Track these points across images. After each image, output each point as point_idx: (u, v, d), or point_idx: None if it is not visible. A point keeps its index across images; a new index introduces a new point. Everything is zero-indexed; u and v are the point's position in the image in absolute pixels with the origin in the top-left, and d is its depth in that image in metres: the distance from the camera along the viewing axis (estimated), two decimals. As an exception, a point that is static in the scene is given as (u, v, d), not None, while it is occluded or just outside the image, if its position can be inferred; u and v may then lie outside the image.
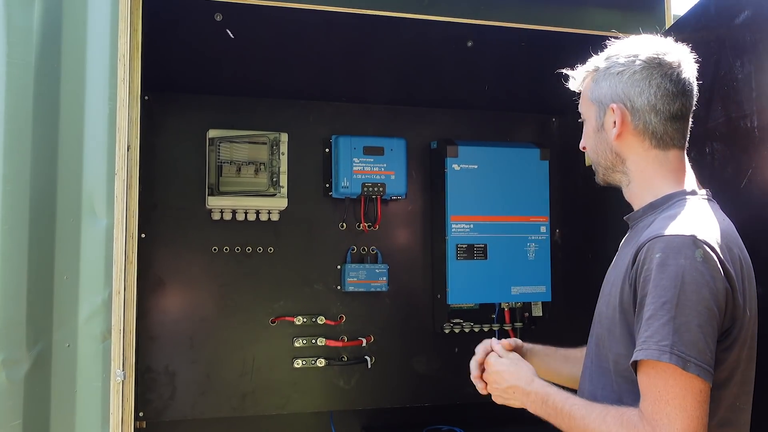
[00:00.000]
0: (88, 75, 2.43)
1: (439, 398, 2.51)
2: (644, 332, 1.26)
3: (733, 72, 1.61)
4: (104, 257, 2.40)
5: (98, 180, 2.41)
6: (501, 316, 2.50)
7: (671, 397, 1.23)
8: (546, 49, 2.34)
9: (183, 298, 2.30)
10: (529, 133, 2.65)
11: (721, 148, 1.67)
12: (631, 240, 1.50)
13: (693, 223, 1.35)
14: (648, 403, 1.26)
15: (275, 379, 2.35)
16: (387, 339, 2.46)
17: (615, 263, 1.54)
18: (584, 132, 1.55)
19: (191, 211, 2.31)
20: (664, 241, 1.31)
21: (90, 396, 2.36)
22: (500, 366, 1.57)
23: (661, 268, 1.28)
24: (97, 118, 2.42)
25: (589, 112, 1.52)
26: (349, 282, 2.37)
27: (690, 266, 1.27)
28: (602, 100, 1.48)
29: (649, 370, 1.26)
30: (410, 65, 2.34)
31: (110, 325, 2.38)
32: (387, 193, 2.37)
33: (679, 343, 1.23)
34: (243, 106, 2.38)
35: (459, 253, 2.40)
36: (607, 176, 1.54)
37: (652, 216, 1.45)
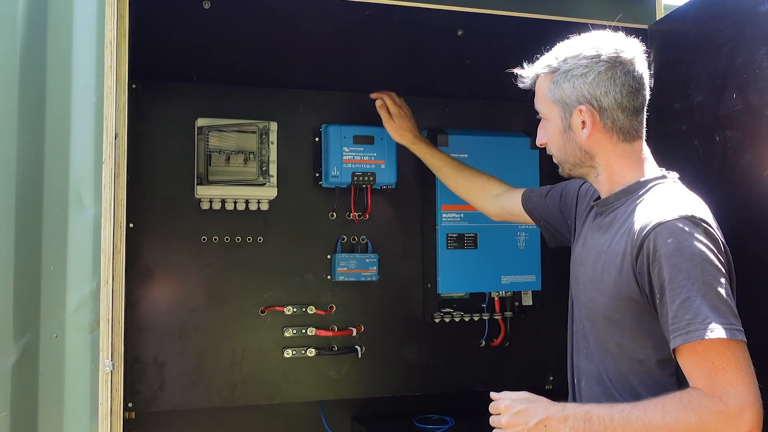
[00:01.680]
0: (74, 63, 2.40)
1: (429, 387, 2.52)
2: (684, 316, 1.31)
3: (756, 60, 1.59)
4: (92, 247, 2.37)
5: (85, 169, 2.38)
6: (491, 306, 2.51)
7: (726, 365, 1.30)
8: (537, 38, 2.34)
9: (172, 288, 2.28)
10: (519, 122, 2.64)
11: (737, 136, 1.65)
12: (610, 226, 1.53)
13: (685, 204, 1.41)
14: (704, 378, 1.31)
15: (265, 369, 2.34)
16: (377, 328, 2.45)
17: (591, 246, 1.58)
18: (546, 131, 1.60)
19: (180, 200, 2.30)
20: (669, 227, 1.36)
21: (78, 387, 2.34)
22: (520, 405, 1.44)
23: (677, 252, 1.34)
24: (84, 107, 2.39)
25: (551, 113, 1.56)
26: (340, 271, 2.37)
27: (700, 244, 1.34)
28: (566, 101, 1.52)
29: (697, 347, 1.31)
30: (400, 54, 2.33)
31: (98, 316, 2.37)
32: (377, 183, 2.36)
33: (718, 316, 1.30)
34: (232, 94, 2.36)
35: (449, 242, 2.39)
36: (574, 171, 1.61)
37: (626, 201, 1.51)
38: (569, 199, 1.83)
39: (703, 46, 1.68)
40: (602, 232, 1.55)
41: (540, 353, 2.62)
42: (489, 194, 2.13)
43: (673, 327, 1.33)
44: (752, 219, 1.58)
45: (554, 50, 1.58)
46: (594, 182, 1.60)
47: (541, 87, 1.58)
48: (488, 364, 2.57)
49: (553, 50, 1.58)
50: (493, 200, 2.12)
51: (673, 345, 1.33)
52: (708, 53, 1.63)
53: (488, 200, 2.13)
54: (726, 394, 1.28)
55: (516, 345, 2.57)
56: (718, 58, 1.64)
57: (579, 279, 1.62)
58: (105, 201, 1.70)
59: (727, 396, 1.28)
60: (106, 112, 1.69)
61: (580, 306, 1.62)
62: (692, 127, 1.58)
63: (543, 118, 1.60)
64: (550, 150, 1.62)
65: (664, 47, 1.79)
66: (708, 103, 1.66)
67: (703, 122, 1.65)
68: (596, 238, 1.57)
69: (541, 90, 1.58)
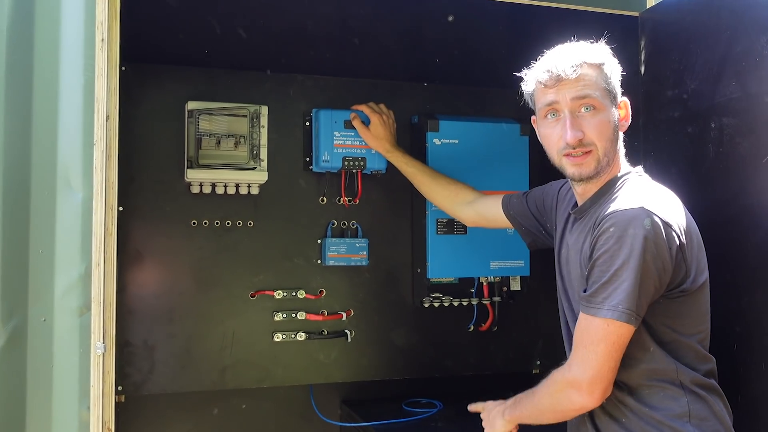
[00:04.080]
0: (62, 45, 2.38)
1: (417, 372, 2.53)
2: (591, 290, 1.47)
3: (757, 48, 1.61)
4: (80, 231, 2.37)
5: (73, 153, 2.38)
6: (480, 291, 2.52)
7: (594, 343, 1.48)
8: (527, 24, 2.35)
9: (162, 272, 2.28)
10: (508, 108, 2.64)
11: (734, 123, 1.67)
12: (583, 227, 1.61)
13: (641, 197, 1.48)
14: (574, 348, 1.53)
15: (255, 353, 2.35)
16: (367, 313, 2.46)
17: (570, 247, 1.66)
18: (593, 123, 1.54)
19: (169, 184, 2.29)
20: (618, 215, 1.44)
21: (67, 370, 2.34)
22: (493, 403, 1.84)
23: (613, 237, 1.43)
24: (72, 91, 2.38)
25: (602, 105, 1.54)
26: (330, 256, 2.37)
27: (638, 233, 1.41)
28: (615, 92, 1.57)
29: (582, 321, 1.52)
30: (390, 39, 2.33)
31: (87, 300, 2.38)
32: (367, 168, 2.37)
33: (615, 299, 1.43)
34: (222, 78, 2.34)
35: (439, 227, 2.41)
36: (602, 167, 1.57)
37: (598, 201, 1.59)
38: (548, 202, 1.87)
39: (698, 34, 1.70)
40: (578, 232, 1.63)
41: (527, 338, 2.65)
42: (463, 201, 2.18)
43: (581, 295, 1.51)
44: (750, 205, 1.61)
45: (581, 46, 1.58)
46: (594, 182, 1.60)
47: (594, 75, 1.54)
48: (476, 349, 2.59)
49: (578, 46, 1.58)
50: (466, 207, 2.17)
51: (579, 310, 1.52)
52: (704, 41, 1.64)
53: (462, 207, 2.18)
54: (576, 365, 1.49)
55: (504, 330, 2.59)
56: (715, 47, 1.66)
57: (567, 278, 1.68)
58: (96, 183, 1.69)
59: (577, 367, 1.49)
60: (97, 93, 1.68)
61: (568, 304, 1.69)
62: (686, 114, 1.60)
63: (592, 105, 1.54)
64: (593, 142, 1.55)
65: (655, 35, 1.80)
66: (703, 91, 1.68)
67: (697, 109, 1.67)
68: (576, 238, 1.64)
69: (597, 78, 1.54)
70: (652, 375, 1.50)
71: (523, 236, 2.00)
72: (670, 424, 1.48)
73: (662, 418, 1.48)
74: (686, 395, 1.49)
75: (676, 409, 1.48)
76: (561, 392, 1.53)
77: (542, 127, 1.63)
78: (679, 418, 1.48)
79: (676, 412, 1.48)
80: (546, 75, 1.55)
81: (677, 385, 1.50)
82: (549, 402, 1.58)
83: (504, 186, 2.45)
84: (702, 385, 1.52)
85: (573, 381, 1.50)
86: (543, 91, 1.57)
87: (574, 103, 1.53)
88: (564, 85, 1.52)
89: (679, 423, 1.47)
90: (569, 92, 1.52)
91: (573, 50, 1.56)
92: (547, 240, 1.92)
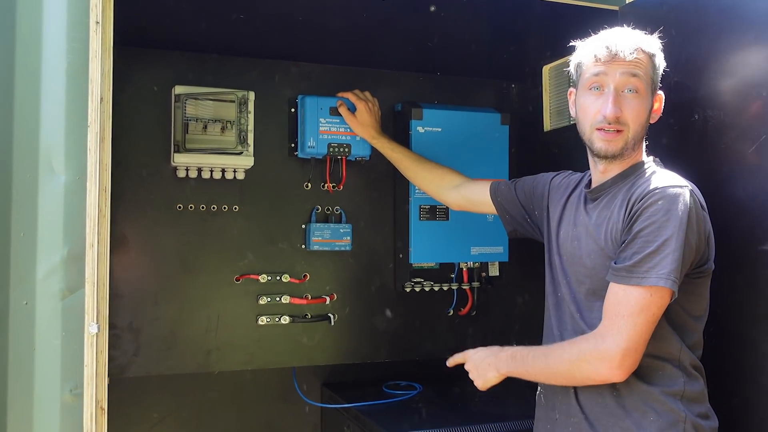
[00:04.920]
0: (45, 28, 2.36)
1: (398, 354, 2.59)
2: (630, 260, 1.49)
3: (744, 44, 1.67)
4: (63, 214, 2.35)
5: (56, 136, 2.36)
6: (459, 276, 2.58)
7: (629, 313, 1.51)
8: (508, 17, 2.40)
9: (147, 255, 2.29)
10: (488, 98, 2.71)
11: (719, 115, 1.73)
12: (606, 205, 1.64)
13: (680, 179, 1.55)
14: (605, 319, 1.55)
15: (240, 336, 2.38)
16: (350, 297, 2.51)
17: (585, 225, 1.67)
18: (632, 104, 1.60)
19: (156, 168, 2.30)
20: (662, 192, 1.50)
21: (49, 354, 2.33)
22: (475, 354, 1.83)
23: (661, 211, 1.48)
24: (55, 73, 2.36)
25: (645, 91, 1.61)
26: (314, 241, 2.41)
27: (685, 210, 1.47)
28: (656, 83, 1.63)
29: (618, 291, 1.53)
30: (373, 27, 2.36)
31: (70, 283, 2.37)
32: (352, 154, 2.40)
33: (658, 269, 1.47)
34: (208, 63, 2.36)
35: (422, 213, 2.46)
36: (628, 148, 1.63)
37: (623, 184, 1.62)
38: (539, 190, 1.91)
39: (683, 29, 1.76)
40: (599, 211, 1.65)
41: (504, 322, 2.72)
42: (448, 185, 2.21)
43: (615, 266, 1.52)
44: (735, 194, 1.68)
45: (636, 35, 1.63)
46: (615, 166, 1.65)
47: (644, 60, 1.61)
48: (455, 332, 2.65)
49: (634, 34, 1.63)
50: (452, 191, 2.20)
51: (608, 278, 1.54)
52: (689, 36, 1.71)
53: (448, 191, 2.21)
54: (612, 336, 1.49)
55: (482, 314, 2.65)
56: (700, 42, 1.72)
57: (573, 254, 1.69)
58: (90, 165, 1.71)
59: (612, 339, 1.49)
60: (91, 75, 1.69)
61: (571, 281, 1.70)
62: (668, 106, 1.66)
63: (637, 87, 1.60)
64: (627, 122, 1.61)
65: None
66: (686, 84, 1.74)
67: (680, 101, 1.73)
68: (592, 216, 1.67)
69: (646, 64, 1.61)
70: (655, 352, 1.54)
71: (506, 224, 2.05)
72: (663, 400, 1.53)
73: (657, 393, 1.53)
74: (683, 375, 1.55)
75: (673, 387, 1.54)
76: (587, 362, 1.53)
77: (582, 97, 1.66)
78: (673, 396, 1.53)
79: (672, 389, 1.54)
80: (604, 50, 1.60)
81: (676, 365, 1.55)
82: (568, 368, 1.57)
83: (484, 173, 2.49)
84: (696, 367, 1.58)
85: (605, 352, 1.50)
86: (594, 64, 1.62)
87: (622, 81, 1.59)
88: (617, 62, 1.59)
89: (671, 399, 1.53)
90: (620, 69, 1.59)
91: (632, 34, 1.63)
92: (530, 229, 1.97)
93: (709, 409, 1.59)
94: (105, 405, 1.68)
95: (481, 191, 2.08)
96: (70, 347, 2.36)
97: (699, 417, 1.54)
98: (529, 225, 1.96)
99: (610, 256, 1.57)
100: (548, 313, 1.79)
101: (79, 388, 2.38)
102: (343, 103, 2.36)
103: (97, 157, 1.69)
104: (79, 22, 2.43)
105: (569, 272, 1.70)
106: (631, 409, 1.55)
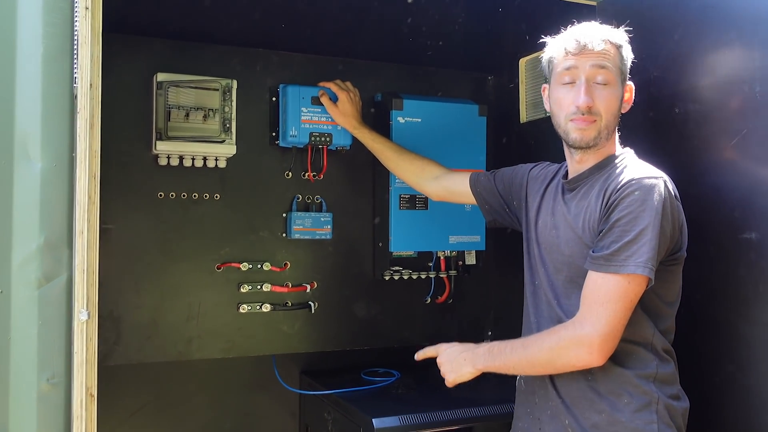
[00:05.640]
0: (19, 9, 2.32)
1: (377, 342, 2.63)
2: (607, 249, 1.55)
3: (726, 41, 1.74)
4: (39, 202, 2.32)
5: (32, 123, 2.32)
6: (437, 264, 2.63)
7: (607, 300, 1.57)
8: (485, 10, 2.45)
9: (128, 243, 2.28)
10: (466, 90, 2.76)
11: (700, 109, 1.81)
12: (583, 195, 1.69)
13: (655, 170, 1.61)
14: (583, 306, 1.60)
15: (221, 324, 2.39)
16: (330, 285, 2.53)
17: (563, 214, 1.72)
18: (603, 95, 1.66)
19: (136, 155, 2.28)
20: (639, 182, 1.56)
21: (25, 343, 2.30)
22: (449, 348, 1.83)
23: (637, 201, 1.54)
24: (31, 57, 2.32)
25: (615, 81, 1.67)
26: (295, 229, 2.43)
27: (660, 200, 1.53)
28: (625, 73, 1.69)
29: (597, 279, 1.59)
30: (352, 18, 2.38)
31: (46, 271, 2.34)
32: (333, 144, 2.42)
33: (635, 257, 1.53)
34: (190, 51, 2.35)
35: (402, 203, 2.49)
36: (601, 138, 1.68)
37: (599, 175, 1.68)
38: (517, 180, 1.96)
39: (664, 25, 1.82)
40: (576, 201, 1.71)
41: (480, 310, 2.78)
42: (429, 176, 2.25)
43: (593, 255, 1.57)
44: (715, 186, 1.75)
45: (603, 28, 1.69)
46: (590, 154, 1.71)
47: (613, 52, 1.67)
48: (432, 320, 2.70)
49: (601, 27, 1.69)
50: (432, 182, 2.24)
51: (586, 266, 1.59)
52: (670, 32, 1.77)
53: (428, 182, 2.25)
54: (591, 323, 1.55)
55: (458, 302, 2.71)
56: (682, 39, 1.79)
57: (552, 243, 1.75)
58: (80, 152, 1.70)
59: (591, 326, 1.54)
60: (81, 62, 1.68)
61: (548, 269, 1.75)
62: (647, 99, 1.73)
63: (606, 79, 1.65)
64: (599, 112, 1.66)
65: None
66: (666, 78, 1.80)
67: (660, 96, 1.80)
68: (571, 206, 1.72)
69: (615, 55, 1.67)
70: (629, 337, 1.60)
71: (485, 214, 2.10)
72: (637, 383, 1.59)
73: (631, 376, 1.60)
74: (656, 359, 1.62)
75: (646, 370, 1.61)
76: (566, 349, 1.58)
77: (556, 91, 1.71)
78: (646, 378, 1.60)
79: (645, 372, 1.60)
80: (573, 43, 1.65)
81: (649, 349, 1.62)
82: (548, 357, 1.61)
83: (462, 163, 2.56)
84: (668, 351, 1.65)
85: (584, 338, 1.54)
86: (565, 57, 1.67)
87: (592, 72, 1.65)
88: (586, 54, 1.64)
89: (645, 382, 1.60)
90: (590, 61, 1.65)
91: (599, 27, 1.69)
92: (509, 218, 2.02)
93: (680, 390, 1.66)
94: (95, 392, 1.68)
95: (461, 182, 2.13)
96: (47, 336, 2.34)
97: (671, 398, 1.61)
98: (507, 215, 2.01)
99: (588, 244, 1.63)
100: (526, 301, 1.84)
101: (57, 377, 2.36)
102: (324, 93, 2.38)
103: (87, 143, 1.68)
104: (54, 7, 2.40)
105: (547, 260, 1.75)
106: (605, 393, 1.61)
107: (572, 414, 1.65)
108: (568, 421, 1.65)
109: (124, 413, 2.34)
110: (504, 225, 2.06)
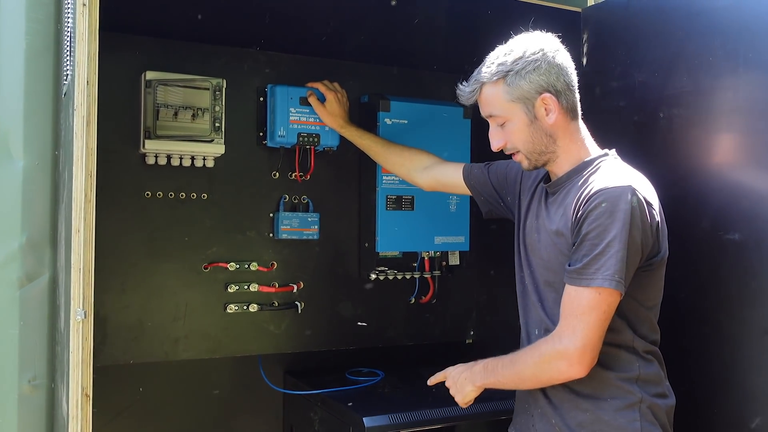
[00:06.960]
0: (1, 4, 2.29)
1: (361, 342, 2.65)
2: (580, 263, 1.57)
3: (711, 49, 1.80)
4: (21, 200, 2.30)
5: (14, 121, 2.30)
6: (421, 265, 2.65)
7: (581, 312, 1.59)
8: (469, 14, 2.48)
9: (115, 242, 2.26)
10: (450, 92, 2.77)
11: (684, 114, 1.87)
12: (561, 201, 1.71)
13: (627, 177, 1.61)
14: (561, 319, 1.62)
15: (208, 324, 2.38)
16: (316, 285, 2.54)
17: (543, 217, 1.75)
18: (507, 131, 1.71)
19: (124, 154, 2.27)
20: (608, 191, 1.56)
21: (6, 344, 2.27)
22: (452, 370, 1.88)
23: (605, 212, 1.54)
24: (13, 55, 2.30)
25: (512, 112, 1.69)
26: (283, 230, 2.43)
27: (628, 209, 1.54)
28: (526, 96, 1.67)
29: (571, 292, 1.61)
30: (336, 20, 2.39)
31: (28, 271, 2.32)
32: (321, 144, 2.43)
33: (605, 270, 1.54)
34: (177, 50, 2.34)
35: (388, 203, 2.51)
36: (540, 160, 1.73)
37: (576, 179, 1.69)
38: (511, 175, 1.98)
39: (649, 33, 1.87)
40: (555, 206, 1.73)
41: (463, 310, 2.81)
42: (419, 167, 2.26)
43: (568, 269, 1.60)
44: (698, 187, 1.82)
45: (491, 60, 1.71)
46: (552, 166, 1.74)
47: (492, 95, 1.70)
48: (416, 320, 2.73)
49: (489, 60, 1.72)
50: (423, 172, 2.24)
51: (564, 280, 1.61)
52: (654, 39, 1.82)
53: (418, 172, 2.26)
54: (567, 336, 1.57)
55: (442, 302, 2.74)
56: (667, 45, 1.85)
57: (534, 246, 1.78)
58: (77, 149, 1.67)
59: (568, 338, 1.57)
60: (78, 58, 1.66)
61: (534, 271, 1.78)
62: (632, 104, 1.78)
63: (500, 121, 1.71)
64: (516, 147, 1.72)
65: (599, 30, 1.98)
66: (652, 83, 1.86)
67: (645, 100, 1.85)
68: (551, 210, 1.75)
69: (495, 96, 1.69)
70: (610, 341, 1.63)
71: (481, 205, 2.11)
72: (620, 384, 1.63)
73: (614, 379, 1.64)
74: (638, 360, 1.66)
75: (629, 372, 1.64)
76: (548, 363, 1.61)
77: None
78: (629, 380, 1.64)
79: (627, 375, 1.64)
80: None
81: (631, 351, 1.66)
82: (533, 372, 1.65)
83: (448, 165, 2.60)
84: (651, 352, 1.69)
85: (563, 351, 1.57)
86: None
87: (487, 119, 1.74)
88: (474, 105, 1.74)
89: (628, 383, 1.64)
90: (480, 110, 1.74)
91: (476, 73, 1.73)
92: (504, 211, 2.03)
93: (667, 387, 1.70)
94: (90, 392, 1.66)
95: (454, 173, 2.14)
96: (29, 337, 2.31)
97: (655, 397, 1.65)
98: (502, 207, 2.03)
99: (562, 251, 1.66)
100: (518, 300, 1.87)
101: (39, 378, 2.33)
102: (313, 93, 2.39)
103: (84, 141, 1.66)
104: (38, 2, 2.36)
105: (532, 262, 1.79)
106: (589, 393, 1.65)
107: (559, 413, 1.69)
108: (555, 421, 1.70)
109: (110, 413, 2.31)
110: (500, 216, 2.07)
